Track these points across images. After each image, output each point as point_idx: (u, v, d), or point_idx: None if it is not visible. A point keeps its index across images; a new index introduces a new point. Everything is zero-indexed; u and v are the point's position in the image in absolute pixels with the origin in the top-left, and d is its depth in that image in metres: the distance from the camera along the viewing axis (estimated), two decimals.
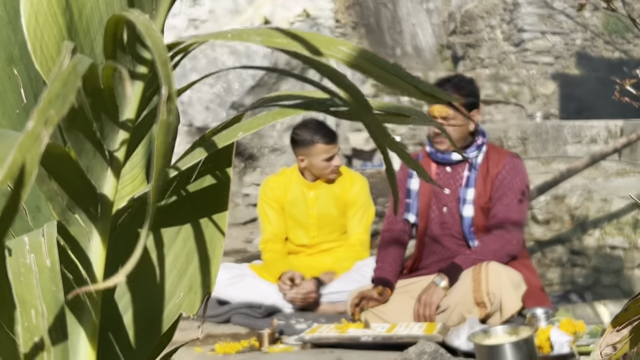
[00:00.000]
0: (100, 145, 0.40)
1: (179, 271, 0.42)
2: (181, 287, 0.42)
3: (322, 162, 3.77)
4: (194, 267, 0.42)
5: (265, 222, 3.93)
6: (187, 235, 0.42)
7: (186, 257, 0.42)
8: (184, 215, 0.41)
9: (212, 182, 0.42)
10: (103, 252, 0.39)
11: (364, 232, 3.85)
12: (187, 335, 3.37)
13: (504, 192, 3.25)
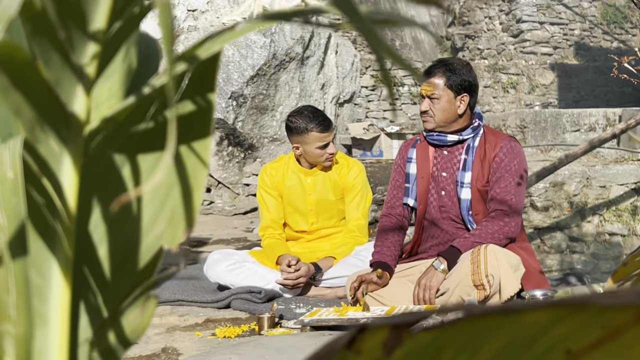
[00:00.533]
0: (67, 56, 0.38)
1: (160, 202, 0.41)
2: (161, 218, 0.41)
3: (317, 149, 3.77)
4: (175, 198, 0.41)
5: (263, 209, 3.94)
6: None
7: (167, 188, 0.41)
8: (164, 142, 0.41)
9: (194, 108, 0.41)
10: (75, 177, 0.38)
11: (362, 217, 3.86)
12: (187, 321, 3.39)
13: (502, 175, 3.26)
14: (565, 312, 0.31)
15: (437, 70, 3.29)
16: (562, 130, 7.87)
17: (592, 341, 0.31)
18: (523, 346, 0.32)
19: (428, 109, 3.29)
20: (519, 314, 0.32)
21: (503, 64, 13.76)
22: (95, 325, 0.41)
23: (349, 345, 0.35)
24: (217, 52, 0.42)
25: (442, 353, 0.34)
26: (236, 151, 7.37)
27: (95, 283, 0.40)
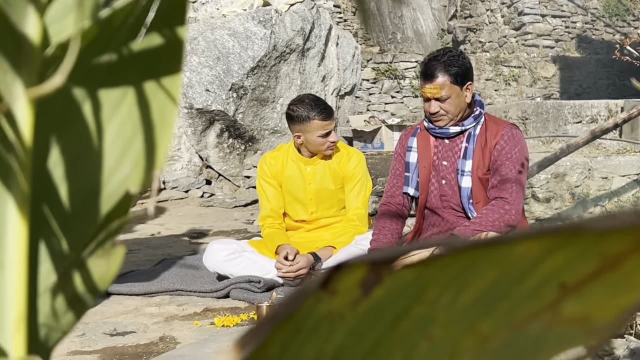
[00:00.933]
0: None
1: (125, 142, 0.38)
2: (127, 160, 0.38)
3: (319, 138, 3.74)
4: (141, 139, 0.38)
5: (263, 198, 3.91)
6: (134, 102, 0.38)
7: (133, 127, 0.38)
8: (130, 76, 0.37)
9: (162, 41, 0.38)
10: (30, 109, 0.35)
11: (362, 207, 3.83)
12: (185, 311, 3.36)
13: (502, 162, 3.23)
14: (559, 242, 0.28)
15: (437, 70, 3.22)
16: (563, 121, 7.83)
17: (588, 273, 0.28)
18: (513, 282, 0.30)
19: (439, 110, 3.24)
20: (507, 246, 0.29)
21: (505, 57, 13.72)
22: (59, 272, 0.38)
23: (324, 285, 0.32)
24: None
25: (426, 292, 0.31)
26: (237, 143, 7.34)
27: (57, 226, 0.37)
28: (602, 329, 0.27)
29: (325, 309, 0.32)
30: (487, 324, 0.30)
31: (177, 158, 7.31)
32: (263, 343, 0.33)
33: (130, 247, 5.10)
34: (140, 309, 3.41)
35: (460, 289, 0.31)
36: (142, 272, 4.04)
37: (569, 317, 0.28)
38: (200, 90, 6.95)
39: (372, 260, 0.31)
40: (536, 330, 0.29)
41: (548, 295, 0.29)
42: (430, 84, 3.21)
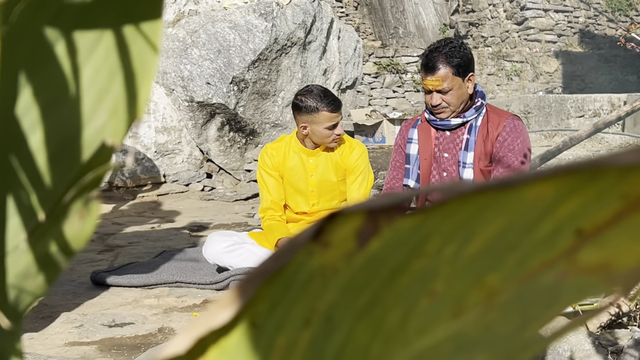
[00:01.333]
0: None
1: (100, 89, 0.35)
2: (103, 108, 0.35)
3: (325, 130, 3.71)
4: (118, 87, 0.35)
5: (264, 190, 3.88)
6: (111, 46, 0.35)
7: (109, 73, 0.35)
8: (107, 17, 0.35)
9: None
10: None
11: (363, 199, 3.80)
12: (184, 302, 3.34)
13: (505, 154, 3.20)
14: (576, 182, 0.25)
15: (439, 62, 3.18)
16: (566, 115, 7.80)
17: (609, 216, 0.25)
18: (524, 229, 0.27)
19: (440, 102, 3.20)
20: (518, 189, 0.26)
21: (507, 52, 13.68)
22: (29, 228, 0.35)
23: (316, 237, 0.29)
24: None
25: (427, 243, 0.28)
26: (237, 137, 7.31)
27: (26, 178, 0.34)
28: (624, 276, 0.25)
29: (317, 263, 0.30)
30: (495, 276, 0.27)
31: (178, 151, 7.28)
32: (250, 301, 0.31)
33: (130, 239, 5.08)
34: (139, 301, 3.38)
35: (464, 239, 0.28)
36: (141, 264, 4.02)
37: (587, 265, 0.25)
38: (201, 84, 6.92)
39: (368, 208, 0.29)
40: (550, 280, 0.26)
41: (563, 242, 0.26)
42: (432, 76, 3.17)
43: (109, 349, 2.66)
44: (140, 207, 6.50)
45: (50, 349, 2.67)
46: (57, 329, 2.91)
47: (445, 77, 3.16)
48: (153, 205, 6.64)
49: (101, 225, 5.66)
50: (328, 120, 3.68)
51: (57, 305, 3.29)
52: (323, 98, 3.68)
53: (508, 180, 0.26)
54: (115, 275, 3.69)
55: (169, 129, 7.22)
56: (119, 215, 6.17)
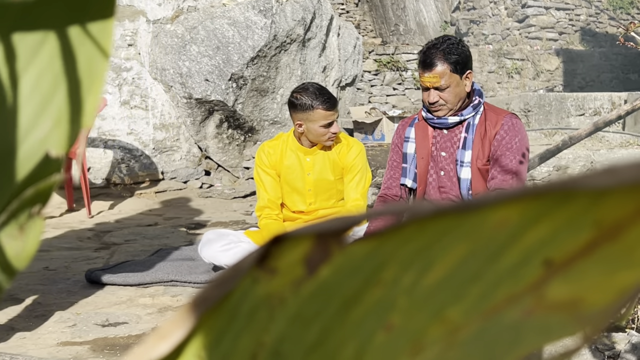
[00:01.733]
0: None
1: (43, 97, 0.32)
2: (46, 118, 0.33)
3: (320, 128, 3.67)
4: (63, 94, 0.33)
5: (261, 188, 3.85)
6: (56, 50, 0.33)
7: (53, 79, 0.32)
8: (51, 18, 0.32)
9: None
10: None
11: (361, 198, 3.77)
12: (180, 302, 3.31)
13: (503, 153, 3.17)
14: (544, 207, 0.22)
15: (437, 59, 3.15)
16: (566, 114, 7.76)
17: (579, 246, 0.22)
18: (487, 258, 0.24)
19: (438, 99, 3.17)
20: (480, 213, 0.23)
21: (508, 49, 13.64)
22: None
23: (261, 262, 0.27)
24: None
25: (383, 271, 0.26)
26: (236, 134, 7.28)
27: None
28: (595, 315, 0.22)
29: (263, 291, 0.27)
30: (456, 310, 0.25)
31: (176, 148, 7.25)
32: (193, 331, 0.28)
33: (126, 237, 5.05)
34: (133, 300, 3.36)
35: (423, 268, 0.25)
36: (136, 263, 3.99)
37: (555, 301, 0.23)
38: (200, 80, 6.89)
39: (318, 231, 0.26)
40: (515, 317, 0.23)
41: (530, 274, 0.23)
42: (430, 73, 3.14)
43: (102, 349, 2.63)
44: (137, 205, 6.47)
45: (43, 348, 2.64)
46: (50, 328, 2.89)
47: (443, 73, 3.13)
48: (151, 202, 6.62)
49: (98, 223, 5.64)
50: (323, 118, 3.65)
51: (51, 304, 3.27)
52: (318, 96, 3.64)
53: (469, 203, 0.23)
54: (110, 274, 3.67)
55: (167, 125, 7.19)
56: (116, 213, 6.14)
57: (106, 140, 6.91)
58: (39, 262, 4.24)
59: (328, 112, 3.64)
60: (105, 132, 6.90)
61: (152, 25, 7.10)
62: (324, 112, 3.64)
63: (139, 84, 7.06)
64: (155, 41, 7.05)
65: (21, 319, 3.06)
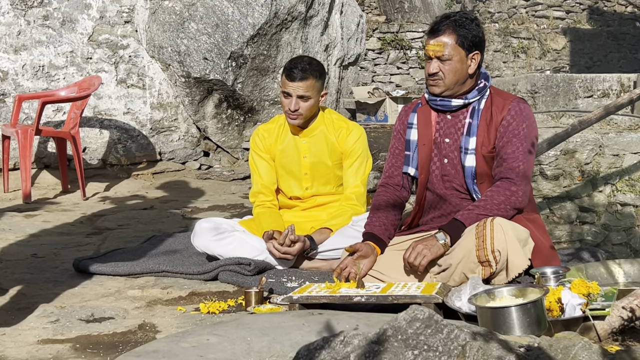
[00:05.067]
0: None
1: None
2: None
3: (282, 97, 3.53)
4: None
5: (255, 173, 3.69)
6: None
7: None
8: None
9: None
10: None
11: (361, 185, 3.61)
12: (170, 294, 3.17)
13: (509, 140, 3.00)
14: None
15: (445, 27, 3.00)
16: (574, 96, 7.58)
17: None
18: None
19: (438, 71, 3.00)
20: None
21: (514, 28, 13.41)
22: None
23: None
24: None
25: None
26: (235, 114, 7.11)
27: None
28: None
29: None
30: None
31: (174, 129, 7.08)
32: None
33: (120, 221, 4.90)
34: (122, 292, 3.21)
35: None
36: (127, 251, 3.85)
37: None
38: (198, 59, 6.71)
39: None
40: None
41: None
42: (435, 40, 3.00)
43: (84, 348, 2.49)
44: (134, 186, 6.32)
45: (22, 347, 2.50)
46: (32, 324, 2.74)
47: (447, 44, 2.99)
48: (147, 184, 6.47)
49: (92, 205, 5.49)
50: (283, 86, 3.51)
51: (36, 295, 3.13)
52: (291, 62, 3.54)
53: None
54: (99, 263, 3.52)
55: (164, 105, 7.02)
56: (111, 194, 5.99)
57: (102, 119, 6.74)
58: (27, 248, 4.10)
59: (287, 81, 3.49)
60: (101, 111, 6.74)
61: (150, 1, 6.91)
62: (284, 80, 3.50)
63: (135, 62, 6.88)
64: (153, 18, 6.86)
65: (3, 311, 2.92)
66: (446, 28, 3.00)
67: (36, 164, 6.40)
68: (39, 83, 6.51)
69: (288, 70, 3.50)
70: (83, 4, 6.67)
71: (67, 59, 6.62)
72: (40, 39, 6.52)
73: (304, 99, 3.49)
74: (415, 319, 1.51)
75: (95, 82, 6.13)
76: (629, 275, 2.91)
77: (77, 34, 6.65)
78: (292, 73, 3.48)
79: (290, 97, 3.49)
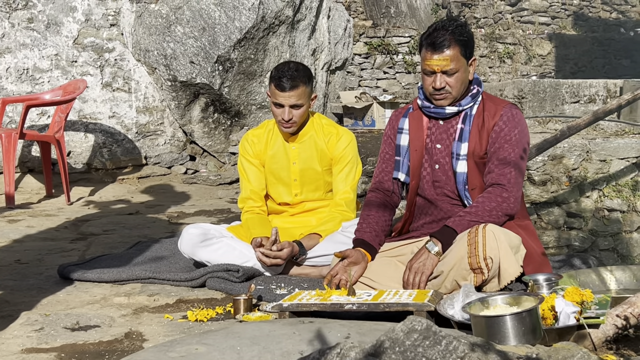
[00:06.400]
0: None
1: None
2: None
3: (274, 107, 3.47)
4: None
5: (244, 178, 3.64)
6: None
7: None
8: None
9: None
10: None
11: (350, 191, 3.57)
12: (157, 302, 3.12)
13: (501, 145, 2.97)
14: None
15: (447, 41, 2.90)
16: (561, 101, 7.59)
17: None
18: None
19: (445, 85, 2.94)
20: None
21: (500, 33, 13.43)
22: None
23: None
24: None
25: None
26: (222, 118, 7.06)
27: None
28: None
29: None
30: None
31: (160, 133, 7.02)
32: None
33: (105, 227, 4.84)
34: (108, 299, 3.15)
35: None
36: (113, 257, 3.79)
37: None
38: (185, 62, 6.65)
39: None
40: None
41: None
42: (440, 55, 2.91)
43: (70, 357, 2.43)
44: (119, 191, 6.26)
45: (5, 356, 2.44)
46: (16, 332, 2.68)
47: (454, 56, 2.92)
48: (133, 188, 6.40)
49: (77, 210, 5.42)
50: (274, 96, 3.45)
51: (19, 303, 3.06)
52: (278, 71, 3.45)
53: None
54: (84, 270, 3.46)
55: (150, 109, 6.96)
56: (96, 199, 5.92)
57: (87, 123, 6.67)
58: (11, 254, 4.03)
59: (277, 92, 3.42)
60: (86, 115, 6.67)
61: (136, 4, 6.85)
62: (274, 90, 3.44)
63: (121, 66, 6.82)
64: (139, 21, 6.81)
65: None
66: (448, 42, 2.91)
67: (20, 168, 6.32)
68: (23, 86, 6.44)
69: (277, 80, 3.43)
70: (68, 6, 6.60)
71: (52, 62, 6.55)
72: (24, 41, 6.45)
73: (297, 107, 3.45)
74: (413, 330, 1.47)
75: (80, 85, 6.06)
76: (621, 282, 2.89)
77: (62, 37, 6.58)
78: (282, 83, 3.41)
79: (283, 107, 3.44)
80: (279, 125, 3.52)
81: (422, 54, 2.99)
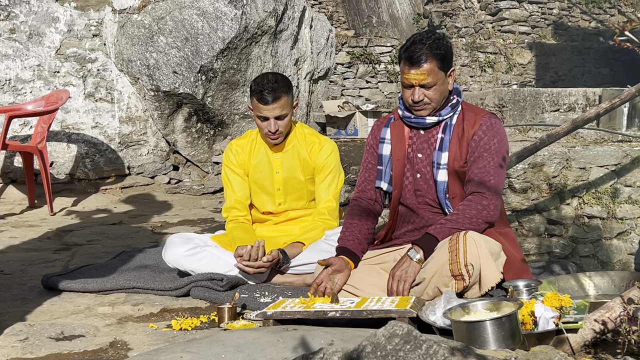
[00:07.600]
0: None
1: None
2: None
3: (259, 120, 3.50)
4: None
5: (228, 188, 3.67)
6: None
7: None
8: None
9: None
10: None
11: (333, 200, 3.60)
12: (141, 311, 3.13)
13: (480, 154, 3.02)
14: None
15: (424, 55, 2.95)
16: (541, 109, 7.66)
17: None
18: None
19: (423, 98, 2.99)
20: None
21: (481, 43, 13.55)
22: None
23: None
24: None
25: None
26: (205, 128, 7.08)
27: None
28: None
29: None
30: None
31: (143, 142, 7.03)
32: None
33: (88, 237, 4.84)
34: (92, 309, 3.16)
35: None
36: (97, 267, 3.80)
37: None
38: (168, 72, 6.68)
39: None
40: None
41: None
42: (417, 70, 2.95)
43: None
44: (102, 201, 6.25)
45: None
46: (0, 342, 2.69)
47: (431, 70, 2.96)
48: (116, 198, 6.40)
49: (60, 221, 5.42)
50: (257, 110, 3.48)
51: (4, 313, 3.07)
52: (259, 84, 3.47)
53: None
54: (68, 280, 3.47)
55: (133, 119, 6.97)
56: (79, 210, 5.92)
57: (70, 133, 6.67)
58: None
59: (260, 105, 3.45)
60: (68, 125, 6.67)
61: (119, 15, 6.87)
62: (257, 103, 3.47)
63: (104, 76, 6.83)
64: (122, 31, 6.82)
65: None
66: (425, 56, 2.95)
67: (2, 178, 6.31)
68: (5, 97, 6.43)
69: (258, 94, 3.45)
70: (50, 17, 6.61)
71: (34, 72, 6.54)
72: (6, 52, 6.44)
73: (281, 117, 3.49)
74: (394, 335, 1.51)
75: (62, 96, 6.06)
76: (599, 288, 2.94)
77: (44, 48, 6.58)
78: (264, 96, 3.44)
79: (268, 119, 3.48)
80: (266, 138, 3.55)
81: (400, 67, 3.04)
